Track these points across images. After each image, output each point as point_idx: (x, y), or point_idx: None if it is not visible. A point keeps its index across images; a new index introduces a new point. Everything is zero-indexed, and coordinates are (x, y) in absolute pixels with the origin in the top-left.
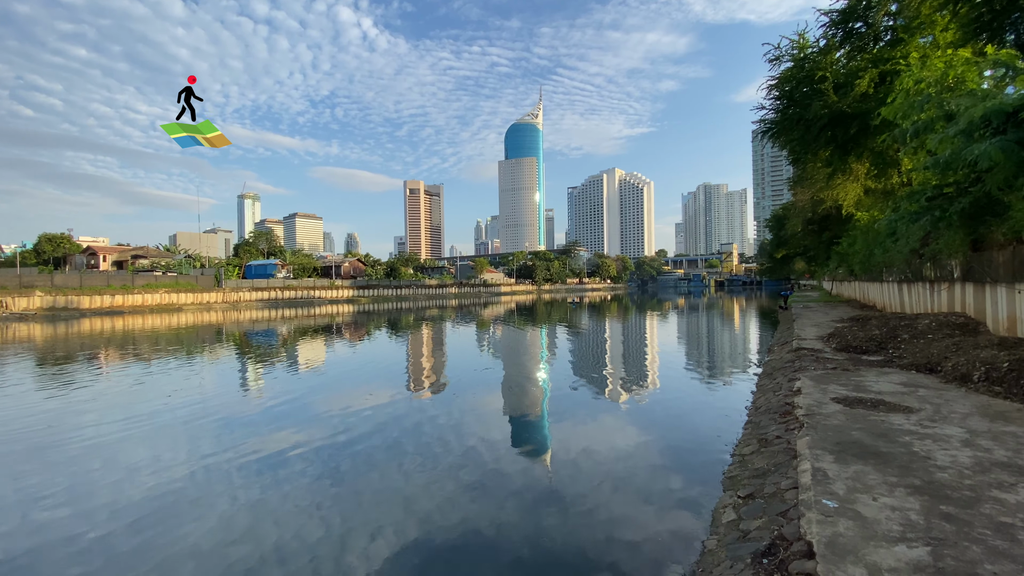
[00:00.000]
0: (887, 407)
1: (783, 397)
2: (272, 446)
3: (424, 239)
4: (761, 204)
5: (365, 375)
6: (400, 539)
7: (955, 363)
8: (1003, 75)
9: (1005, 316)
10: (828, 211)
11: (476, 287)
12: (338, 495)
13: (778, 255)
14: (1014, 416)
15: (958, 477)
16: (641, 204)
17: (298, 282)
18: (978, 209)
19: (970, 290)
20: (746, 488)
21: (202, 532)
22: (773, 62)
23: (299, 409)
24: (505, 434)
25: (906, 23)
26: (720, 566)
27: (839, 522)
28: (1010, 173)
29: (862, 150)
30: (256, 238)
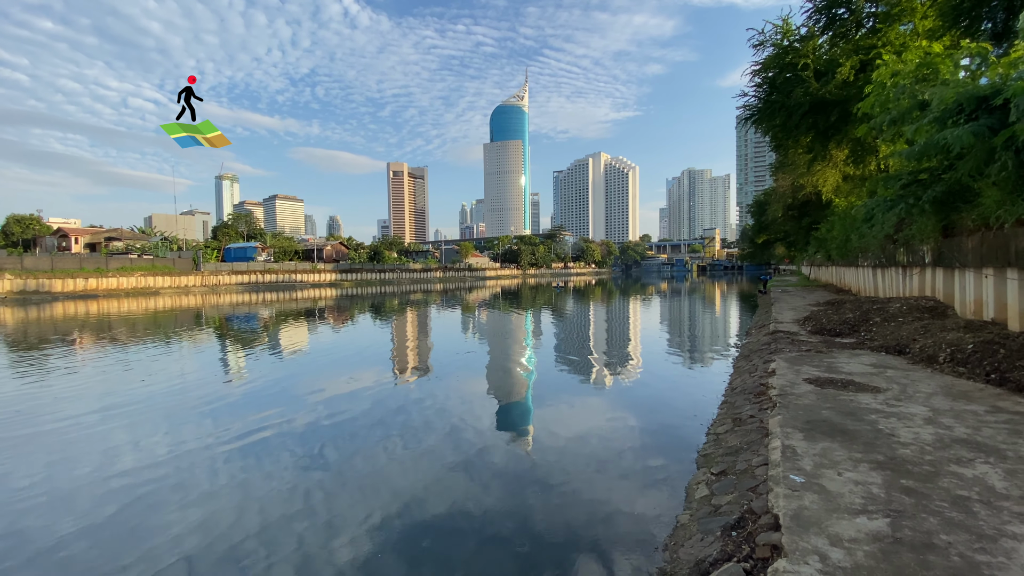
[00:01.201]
0: (856, 387)
1: (758, 378)
2: (255, 431)
3: (408, 222)
4: (744, 190)
5: (349, 359)
6: (385, 521)
7: (923, 345)
8: (978, 64)
9: (972, 300)
10: (808, 197)
11: (461, 271)
12: (322, 479)
13: (759, 240)
14: (975, 395)
15: (919, 453)
16: (626, 189)
17: (279, 265)
18: (950, 196)
19: (940, 275)
20: (719, 465)
21: (186, 519)
22: (757, 47)
23: (282, 393)
24: (489, 416)
25: (887, 10)
26: (691, 539)
27: (805, 496)
28: (980, 160)
29: (841, 137)
30: (235, 220)
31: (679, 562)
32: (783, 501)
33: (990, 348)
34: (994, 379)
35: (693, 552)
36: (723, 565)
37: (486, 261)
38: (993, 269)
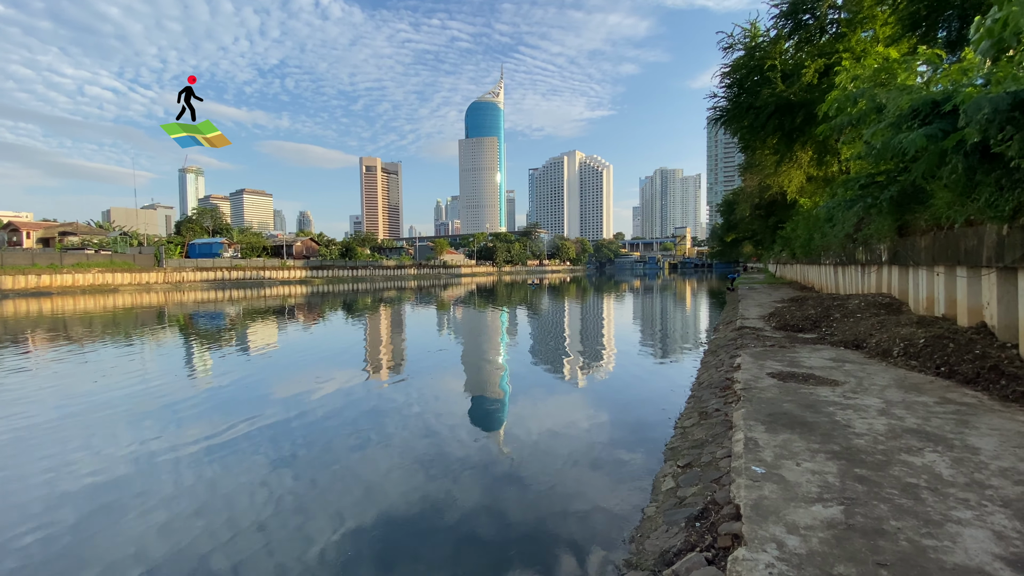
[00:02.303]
0: (816, 380)
1: (724, 373)
2: (221, 432)
3: (381, 219)
4: (714, 189)
5: (319, 358)
6: (358, 521)
7: (878, 339)
8: (932, 71)
9: (924, 296)
10: (774, 197)
11: (436, 268)
12: (293, 481)
13: (728, 239)
14: (926, 387)
15: (873, 443)
16: (600, 187)
17: (247, 262)
18: (905, 197)
19: (895, 272)
20: (685, 458)
21: (149, 526)
22: (727, 50)
23: (249, 394)
24: (463, 414)
25: (849, 17)
26: (657, 531)
27: (765, 486)
28: (933, 163)
29: (806, 138)
30: (200, 215)
31: (645, 553)
32: (744, 492)
33: (940, 342)
34: (943, 372)
35: (658, 543)
36: (686, 555)
37: (461, 258)
38: (944, 267)
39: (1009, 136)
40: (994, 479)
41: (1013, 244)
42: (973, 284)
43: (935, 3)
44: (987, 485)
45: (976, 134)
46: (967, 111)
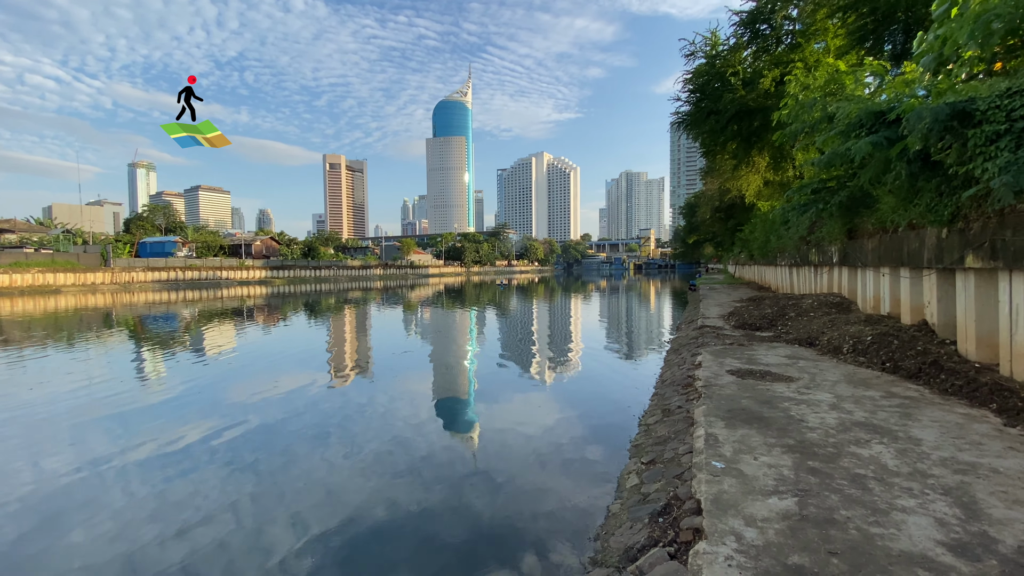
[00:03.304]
0: (772, 377)
1: (686, 370)
2: (175, 440)
3: (346, 218)
4: (677, 192)
5: (281, 361)
6: (321, 526)
7: (830, 337)
8: (878, 82)
9: (871, 296)
10: (733, 200)
11: (403, 268)
12: (252, 488)
13: (690, 240)
14: (873, 382)
15: (824, 436)
16: (568, 188)
17: (202, 262)
18: (853, 202)
19: (845, 273)
20: (649, 454)
21: (96, 540)
22: (689, 57)
23: (205, 399)
24: (430, 416)
25: (803, 28)
26: (621, 527)
27: (724, 481)
28: (879, 170)
29: (763, 144)
30: (151, 212)
31: (609, 550)
32: (705, 486)
33: (886, 339)
34: (889, 367)
35: (623, 540)
36: (650, 551)
37: (429, 258)
38: (889, 268)
39: (948, 145)
40: (935, 468)
41: (951, 247)
42: (915, 284)
43: (881, 18)
44: (929, 474)
45: (918, 143)
46: (909, 121)
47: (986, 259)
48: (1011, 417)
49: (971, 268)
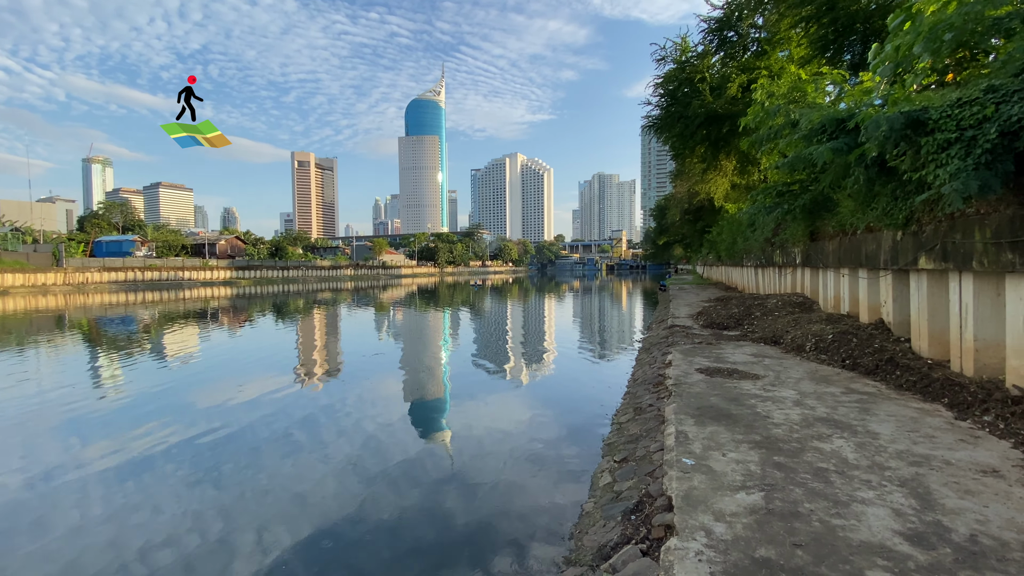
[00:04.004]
0: (739, 375)
1: (657, 369)
2: (134, 447)
3: (315, 217)
4: (647, 194)
5: (246, 365)
6: (292, 534)
7: (793, 336)
8: (838, 91)
9: (832, 296)
10: (702, 203)
11: (374, 269)
12: (217, 499)
13: (660, 242)
14: (834, 379)
15: (789, 432)
16: (542, 190)
17: (163, 262)
18: (816, 205)
19: (808, 274)
20: (621, 453)
21: (46, 560)
22: (659, 62)
23: (165, 405)
24: (404, 419)
25: (768, 37)
26: (595, 526)
27: (694, 477)
28: (839, 175)
29: (730, 149)
30: (108, 210)
31: (583, 549)
32: (676, 483)
33: (845, 338)
34: (848, 364)
35: (596, 538)
36: (623, 548)
37: (402, 259)
38: (848, 269)
39: (903, 152)
40: (892, 461)
41: (905, 249)
42: (872, 285)
43: (841, 29)
44: (886, 467)
45: (875, 149)
46: (867, 128)
47: (937, 261)
48: (961, 411)
49: (924, 269)
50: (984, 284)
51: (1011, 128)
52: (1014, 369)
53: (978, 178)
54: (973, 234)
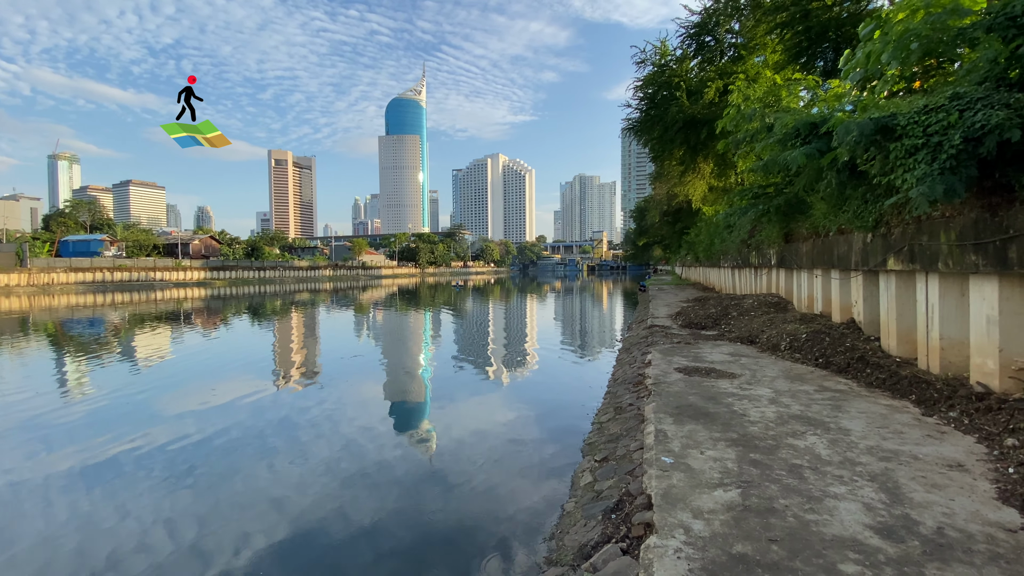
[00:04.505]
0: (717, 374)
1: (637, 369)
2: (103, 453)
3: (293, 216)
4: (628, 196)
5: (220, 368)
6: (269, 542)
7: (769, 335)
8: (812, 96)
9: (806, 296)
10: (680, 205)
11: (354, 269)
12: (191, 504)
13: (640, 243)
14: (808, 377)
15: (764, 429)
16: (524, 190)
17: (133, 262)
18: (790, 207)
19: (782, 275)
20: (602, 452)
21: (14, 567)
22: (639, 65)
23: (137, 409)
24: (384, 421)
25: (745, 43)
26: (576, 526)
27: (673, 475)
28: (812, 178)
29: (708, 152)
30: (75, 208)
31: (564, 549)
32: (655, 482)
33: (818, 337)
34: (821, 363)
35: (577, 538)
36: (603, 547)
37: (382, 259)
38: (821, 270)
39: (872, 156)
40: (863, 456)
41: (875, 250)
42: (844, 285)
43: (814, 36)
44: (857, 462)
45: (846, 153)
46: (839, 133)
47: (905, 262)
48: (928, 407)
49: (892, 270)
50: (949, 285)
51: (975, 135)
52: (978, 367)
53: (943, 183)
54: (939, 236)
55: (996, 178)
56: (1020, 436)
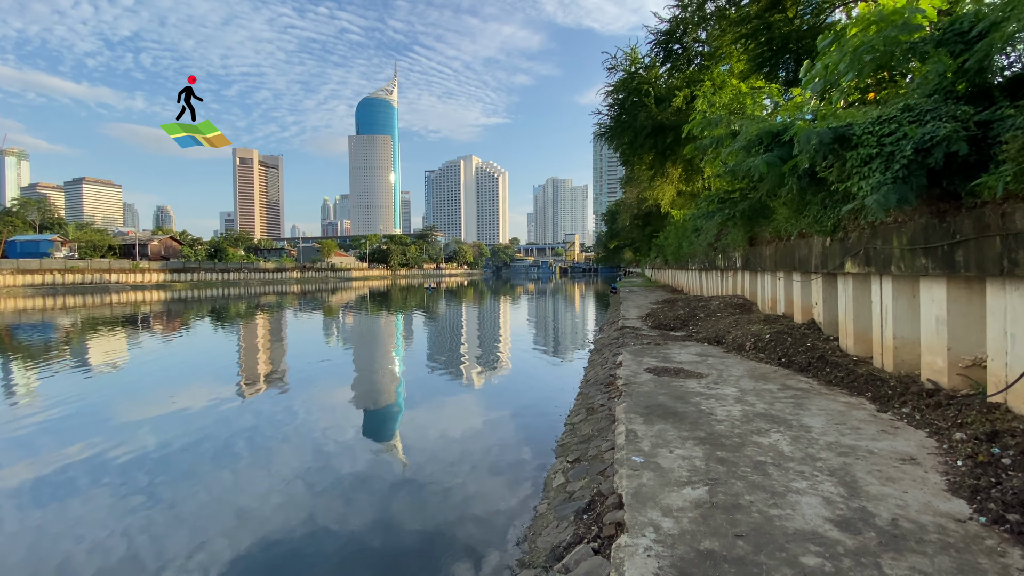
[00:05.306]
0: (685, 374)
1: (608, 370)
2: (53, 465)
3: (259, 216)
4: (599, 199)
5: (181, 374)
6: (234, 553)
7: (734, 336)
8: (775, 105)
9: (769, 298)
10: (650, 208)
11: (323, 271)
12: (149, 516)
13: (611, 245)
14: (771, 376)
15: (731, 427)
16: (497, 193)
17: (86, 263)
18: (754, 212)
19: (747, 277)
20: (574, 453)
21: None
22: (610, 71)
23: (91, 418)
24: (354, 428)
25: (711, 51)
26: (548, 527)
27: (644, 474)
28: (774, 184)
29: (676, 157)
30: (23, 207)
31: (537, 551)
32: (626, 481)
33: (781, 337)
34: (784, 362)
35: (549, 539)
36: (575, 548)
37: (352, 261)
38: (783, 272)
39: (831, 164)
40: (823, 452)
41: (833, 254)
42: (805, 287)
43: (776, 48)
44: (817, 458)
45: (806, 161)
46: (800, 141)
47: (861, 265)
48: (883, 404)
49: (850, 273)
50: (902, 287)
51: (924, 145)
52: (928, 365)
53: (897, 191)
54: (892, 241)
55: (944, 186)
56: (967, 430)
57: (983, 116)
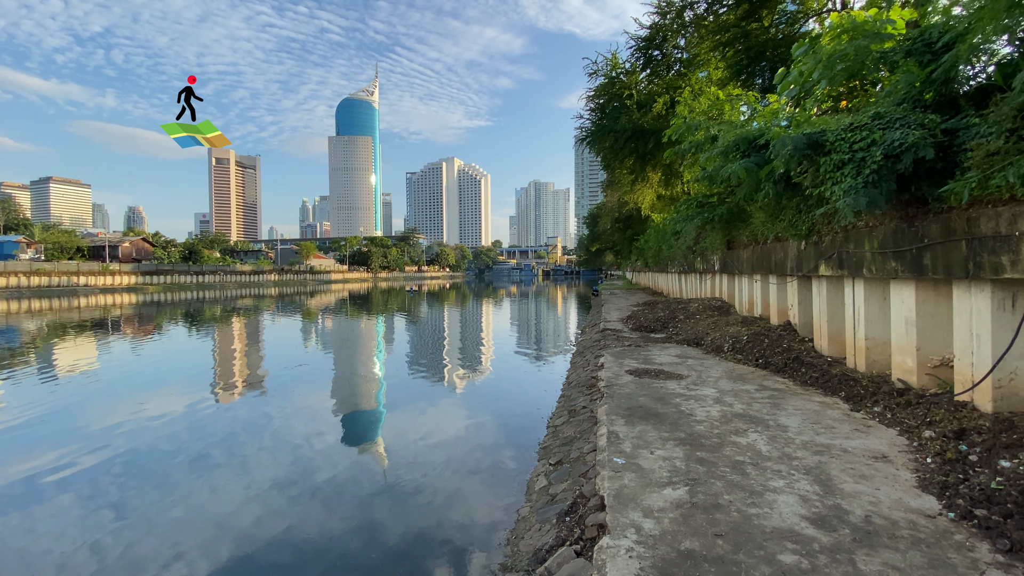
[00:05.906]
0: (666, 375)
1: (590, 372)
2: (15, 475)
3: (235, 218)
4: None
5: (152, 379)
6: (212, 567)
7: (713, 337)
8: (752, 112)
9: (747, 300)
10: (631, 212)
11: (301, 274)
12: (119, 528)
13: (593, 248)
14: (749, 377)
15: (710, 428)
16: (479, 195)
17: (53, 266)
18: (732, 216)
19: (725, 280)
20: (556, 455)
21: None
22: (591, 76)
23: (55, 427)
24: (334, 433)
25: (690, 58)
26: (531, 530)
27: (625, 476)
28: (751, 189)
29: (656, 162)
30: None
31: (520, 554)
32: (608, 483)
33: (758, 339)
34: (761, 363)
35: (532, 542)
36: (558, 550)
37: (332, 263)
38: (760, 275)
39: (805, 169)
40: (799, 451)
41: (808, 257)
42: (781, 290)
43: (753, 56)
44: (794, 457)
45: (782, 166)
46: (775, 147)
47: (835, 268)
48: (856, 403)
49: (824, 275)
50: (873, 289)
51: (894, 151)
52: (898, 365)
53: (867, 195)
54: (863, 244)
55: (912, 191)
56: (936, 428)
57: (950, 124)
